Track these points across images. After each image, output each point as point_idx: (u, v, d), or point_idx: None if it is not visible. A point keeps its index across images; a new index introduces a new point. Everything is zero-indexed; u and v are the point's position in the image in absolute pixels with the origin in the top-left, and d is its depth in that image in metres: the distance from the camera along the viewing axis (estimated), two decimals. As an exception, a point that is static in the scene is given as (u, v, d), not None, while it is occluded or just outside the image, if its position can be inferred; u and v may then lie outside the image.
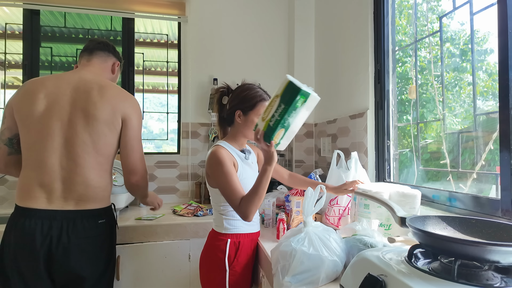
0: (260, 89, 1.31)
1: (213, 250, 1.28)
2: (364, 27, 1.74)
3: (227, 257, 1.24)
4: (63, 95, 1.24)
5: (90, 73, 1.34)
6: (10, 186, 2.13)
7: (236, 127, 1.30)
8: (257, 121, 1.11)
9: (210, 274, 1.28)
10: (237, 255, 1.26)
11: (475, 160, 1.25)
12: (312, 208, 1.04)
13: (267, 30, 2.54)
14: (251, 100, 1.26)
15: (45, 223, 1.16)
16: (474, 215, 1.06)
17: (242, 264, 1.27)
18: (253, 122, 1.25)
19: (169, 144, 2.64)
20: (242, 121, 1.27)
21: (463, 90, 1.47)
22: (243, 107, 1.26)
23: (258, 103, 1.26)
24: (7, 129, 1.29)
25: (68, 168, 1.21)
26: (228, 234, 1.27)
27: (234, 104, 1.29)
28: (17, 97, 1.27)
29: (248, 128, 1.27)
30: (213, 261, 1.27)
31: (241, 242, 1.28)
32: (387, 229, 1.19)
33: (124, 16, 2.36)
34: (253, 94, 1.27)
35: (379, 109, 1.67)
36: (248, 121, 1.27)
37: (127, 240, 1.68)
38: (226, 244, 1.25)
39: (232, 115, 1.29)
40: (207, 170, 1.27)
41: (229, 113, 1.30)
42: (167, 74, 2.57)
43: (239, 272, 1.26)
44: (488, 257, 0.60)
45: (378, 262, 0.70)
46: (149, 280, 1.71)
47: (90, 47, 1.42)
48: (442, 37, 1.36)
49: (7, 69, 2.40)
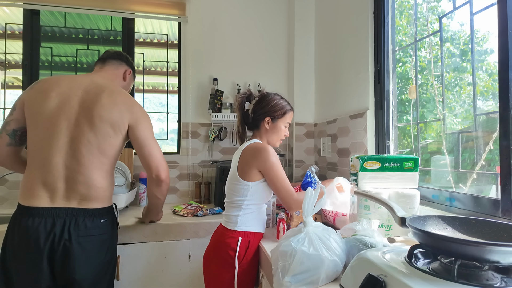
0: (284, 99, 1.44)
1: (223, 247, 1.29)
2: (364, 27, 1.74)
3: (237, 255, 1.26)
4: (74, 95, 1.27)
5: (102, 78, 1.39)
6: (10, 186, 2.13)
7: (262, 132, 1.40)
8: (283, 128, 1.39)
9: (218, 271, 1.29)
10: (247, 253, 1.28)
11: (475, 160, 1.25)
12: (312, 208, 1.04)
13: (267, 30, 2.54)
14: (282, 109, 1.39)
15: (48, 221, 1.17)
16: (474, 215, 1.06)
17: (250, 262, 1.30)
18: (280, 130, 1.39)
19: (169, 144, 2.65)
20: (270, 127, 1.38)
21: (463, 90, 1.47)
22: (273, 115, 1.38)
23: (287, 112, 1.40)
24: (14, 120, 1.30)
25: (71, 167, 1.22)
26: (240, 232, 1.29)
27: (264, 111, 1.38)
28: (31, 92, 1.29)
29: (274, 134, 1.39)
30: (222, 259, 1.28)
31: (251, 241, 1.30)
32: (388, 230, 1.20)
33: (124, 16, 2.36)
34: (282, 104, 1.40)
35: (379, 109, 1.67)
36: (276, 128, 1.39)
37: (127, 240, 1.68)
38: (237, 242, 1.27)
39: (259, 121, 1.39)
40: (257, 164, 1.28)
41: (256, 119, 1.40)
42: (167, 74, 2.57)
43: (248, 271, 1.29)
44: (488, 257, 0.60)
45: (378, 262, 0.70)
46: (149, 280, 1.71)
47: (104, 57, 1.49)
48: (442, 37, 1.36)
49: (7, 69, 2.40)
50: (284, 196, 1.28)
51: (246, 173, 1.29)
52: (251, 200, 1.30)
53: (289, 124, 1.43)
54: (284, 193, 1.27)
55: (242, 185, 1.30)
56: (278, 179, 1.27)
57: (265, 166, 1.27)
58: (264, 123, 1.38)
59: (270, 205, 1.63)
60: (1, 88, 2.36)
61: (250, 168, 1.28)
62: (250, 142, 1.35)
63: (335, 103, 2.09)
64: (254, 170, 1.28)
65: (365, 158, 1.24)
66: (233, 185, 1.33)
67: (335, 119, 2.06)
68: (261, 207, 1.37)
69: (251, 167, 1.28)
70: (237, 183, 1.31)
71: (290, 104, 1.44)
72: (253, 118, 1.40)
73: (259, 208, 1.36)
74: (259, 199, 1.33)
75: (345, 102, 1.97)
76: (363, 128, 1.73)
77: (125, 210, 2.05)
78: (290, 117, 1.41)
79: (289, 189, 1.28)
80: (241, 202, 1.31)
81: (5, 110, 2.29)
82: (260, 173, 1.29)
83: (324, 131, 2.25)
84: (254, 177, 1.29)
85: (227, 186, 1.38)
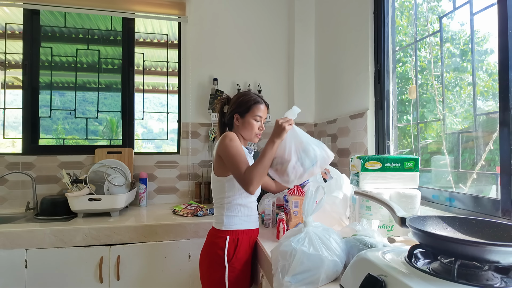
0: (254, 94, 1.43)
1: (213, 247, 1.31)
2: (364, 27, 1.74)
3: (226, 254, 1.27)
4: None
5: None
6: (10, 186, 2.13)
7: (235, 129, 1.41)
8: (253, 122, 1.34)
9: (209, 271, 1.30)
10: (236, 252, 1.29)
11: (475, 160, 1.25)
12: (312, 208, 1.04)
13: (267, 30, 2.54)
14: (247, 104, 1.38)
15: None
16: (474, 215, 1.06)
17: (241, 261, 1.30)
18: (250, 123, 1.37)
19: (169, 144, 2.64)
20: (240, 123, 1.39)
21: (463, 90, 1.47)
22: (240, 111, 1.38)
23: (252, 105, 1.38)
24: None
25: None
26: (227, 231, 1.30)
27: (232, 109, 1.41)
28: None
29: (245, 129, 1.38)
30: (212, 258, 1.29)
31: (239, 239, 1.30)
32: (389, 230, 1.20)
33: (124, 16, 2.36)
34: (247, 98, 1.39)
35: (379, 109, 1.67)
36: (245, 123, 1.38)
37: (127, 240, 1.68)
38: (225, 241, 1.28)
39: (231, 119, 1.41)
40: (218, 150, 1.29)
41: (228, 118, 1.43)
42: (167, 74, 2.57)
43: (239, 269, 1.29)
44: (488, 257, 0.60)
45: (378, 262, 0.70)
46: (149, 280, 1.71)
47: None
48: (442, 37, 1.36)
49: (7, 69, 2.40)
50: (235, 174, 1.23)
51: (218, 167, 1.32)
52: (231, 196, 1.31)
53: (261, 117, 1.38)
54: (235, 171, 1.22)
55: (218, 182, 1.33)
56: (230, 158, 1.23)
57: (221, 149, 1.27)
58: (234, 120, 1.40)
59: (270, 205, 1.62)
60: (1, 88, 2.36)
61: (218, 159, 1.31)
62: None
63: (335, 103, 2.09)
64: (220, 160, 1.29)
65: (366, 158, 1.24)
66: (213, 184, 1.37)
67: (335, 119, 2.06)
68: (245, 203, 1.34)
69: (218, 159, 1.30)
70: (215, 181, 1.35)
71: (262, 98, 1.42)
72: (227, 118, 1.43)
73: (244, 204, 1.33)
74: (239, 193, 1.31)
75: (345, 102, 1.97)
76: (363, 128, 1.73)
77: (125, 210, 2.05)
78: (259, 110, 1.37)
79: (238, 165, 1.21)
80: (221, 199, 1.33)
81: (5, 110, 2.29)
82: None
83: (324, 131, 2.25)
84: (225, 170, 1.30)
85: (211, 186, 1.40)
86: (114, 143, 2.44)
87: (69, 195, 1.78)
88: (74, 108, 2.38)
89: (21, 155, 2.20)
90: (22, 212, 2.01)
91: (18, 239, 1.58)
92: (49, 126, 2.40)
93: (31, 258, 1.59)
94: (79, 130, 2.50)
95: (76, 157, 2.24)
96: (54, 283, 1.61)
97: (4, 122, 2.28)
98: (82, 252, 1.64)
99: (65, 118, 2.45)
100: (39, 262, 1.60)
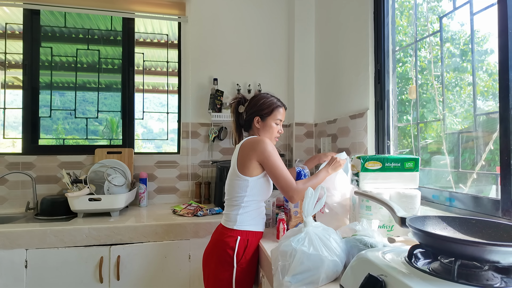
0: (274, 97, 1.46)
1: (222, 245, 1.30)
2: (364, 27, 1.74)
3: (236, 254, 1.27)
4: None
5: None
6: (10, 186, 2.14)
7: (255, 131, 1.43)
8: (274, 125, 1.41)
9: (217, 270, 1.29)
10: (245, 253, 1.29)
11: (475, 160, 1.25)
12: (312, 208, 1.04)
13: (267, 30, 2.54)
14: (269, 107, 1.41)
15: None
16: (474, 215, 1.06)
17: (249, 262, 1.30)
18: (271, 127, 1.41)
19: (169, 144, 2.64)
20: (261, 126, 1.42)
21: (463, 90, 1.47)
22: (262, 113, 1.41)
23: (274, 109, 1.41)
24: None
25: None
26: (239, 230, 1.30)
27: (253, 111, 1.42)
28: None
29: (266, 131, 1.41)
30: (221, 257, 1.29)
31: (249, 240, 1.31)
32: (390, 230, 1.20)
33: (124, 16, 2.36)
34: (269, 102, 1.42)
35: (379, 109, 1.67)
36: (267, 126, 1.41)
37: (127, 240, 1.68)
38: (236, 241, 1.28)
39: (250, 121, 1.43)
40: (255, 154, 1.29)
41: (247, 120, 1.44)
42: (167, 74, 2.57)
43: (246, 270, 1.29)
44: (488, 257, 0.60)
45: (378, 262, 0.70)
46: (149, 280, 1.71)
47: None
48: (442, 37, 1.36)
49: (7, 69, 2.40)
50: (283, 185, 1.29)
51: (246, 167, 1.30)
52: (251, 196, 1.31)
53: (281, 121, 1.44)
54: (283, 182, 1.28)
55: (241, 180, 1.31)
56: (277, 168, 1.29)
57: (263, 156, 1.29)
58: (255, 122, 1.41)
59: (270, 205, 1.62)
60: (1, 88, 2.36)
61: (250, 160, 1.30)
62: (247, 138, 1.37)
63: (335, 103, 2.09)
64: (254, 162, 1.30)
65: (366, 158, 1.24)
66: (232, 181, 1.34)
67: (335, 119, 2.06)
68: (260, 206, 1.37)
69: (250, 159, 1.30)
70: (237, 179, 1.32)
71: (281, 101, 1.46)
72: (245, 120, 1.44)
73: (258, 207, 1.36)
74: (259, 195, 1.33)
75: (345, 102, 1.97)
76: (363, 128, 1.73)
77: (125, 210, 2.05)
78: (280, 113, 1.42)
79: (288, 178, 1.29)
80: (241, 198, 1.32)
81: (5, 110, 2.29)
82: (259, 167, 1.31)
83: (324, 131, 2.25)
84: (254, 171, 1.30)
85: (227, 183, 1.39)
86: (114, 143, 2.44)
87: (69, 195, 1.78)
88: (74, 108, 2.38)
89: (21, 155, 2.20)
90: (22, 212, 2.01)
91: (18, 239, 1.58)
92: (49, 126, 2.40)
93: (31, 258, 1.59)
94: (79, 130, 2.51)
95: (76, 157, 2.24)
96: (54, 283, 1.61)
97: (4, 122, 2.28)
98: (82, 252, 1.64)
99: (65, 118, 2.45)
100: (39, 262, 1.60)
